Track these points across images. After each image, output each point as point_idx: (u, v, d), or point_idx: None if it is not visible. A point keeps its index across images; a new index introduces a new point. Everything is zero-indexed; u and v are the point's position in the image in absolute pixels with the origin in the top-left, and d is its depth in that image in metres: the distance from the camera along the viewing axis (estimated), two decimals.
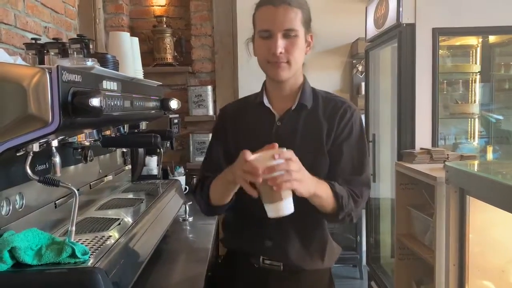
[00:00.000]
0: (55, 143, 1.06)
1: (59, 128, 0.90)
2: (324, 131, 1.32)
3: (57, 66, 0.90)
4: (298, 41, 1.27)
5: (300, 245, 1.33)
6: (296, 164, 1.08)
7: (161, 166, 2.01)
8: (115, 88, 1.26)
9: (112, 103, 1.13)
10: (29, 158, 0.98)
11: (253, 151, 1.31)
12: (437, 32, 2.48)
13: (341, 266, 3.84)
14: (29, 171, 0.99)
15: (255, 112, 1.40)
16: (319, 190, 1.18)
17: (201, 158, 3.35)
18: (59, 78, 0.90)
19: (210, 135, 3.26)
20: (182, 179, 2.77)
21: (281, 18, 1.26)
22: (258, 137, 1.33)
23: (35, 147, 0.98)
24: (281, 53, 1.26)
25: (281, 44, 1.25)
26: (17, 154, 0.98)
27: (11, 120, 0.89)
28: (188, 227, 2.08)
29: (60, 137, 1.09)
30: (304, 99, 1.35)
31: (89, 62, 1.23)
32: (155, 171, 2.77)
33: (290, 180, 1.05)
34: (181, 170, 2.85)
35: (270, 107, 1.37)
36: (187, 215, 2.16)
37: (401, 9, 2.47)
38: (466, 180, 1.83)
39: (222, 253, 1.55)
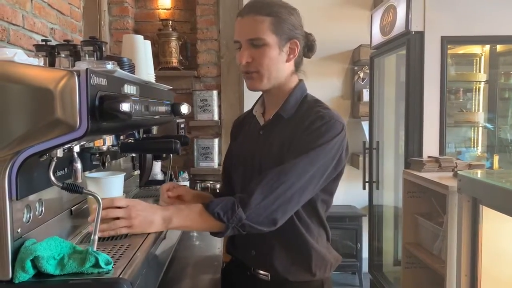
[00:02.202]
0: (77, 148, 1.03)
1: (87, 133, 0.87)
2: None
3: (87, 69, 0.87)
4: (267, 50, 1.24)
5: (284, 255, 1.30)
6: (116, 212, 1.09)
7: (170, 171, 1.98)
8: (135, 92, 1.23)
9: (134, 107, 1.10)
10: (53, 164, 0.95)
11: (243, 160, 1.37)
12: (446, 41, 2.48)
13: (339, 274, 3.83)
14: (52, 177, 0.95)
15: (251, 121, 1.43)
16: (175, 224, 1.15)
17: (205, 164, 3.34)
18: (88, 81, 0.87)
19: (215, 140, 3.27)
20: (186, 184, 2.74)
21: (245, 28, 1.25)
22: (247, 146, 1.37)
23: (59, 152, 0.94)
24: (247, 63, 1.25)
25: (245, 54, 1.25)
26: (41, 160, 0.94)
27: (38, 124, 0.86)
28: (195, 234, 2.05)
29: (83, 143, 1.06)
30: (283, 109, 1.31)
31: (109, 65, 1.19)
32: (159, 176, 2.73)
33: (114, 229, 1.09)
34: (185, 175, 2.82)
35: (256, 116, 1.39)
36: None
37: (410, 16, 2.47)
38: (479, 189, 1.82)
39: (225, 260, 1.55)
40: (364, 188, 3.28)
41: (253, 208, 1.15)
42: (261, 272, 1.34)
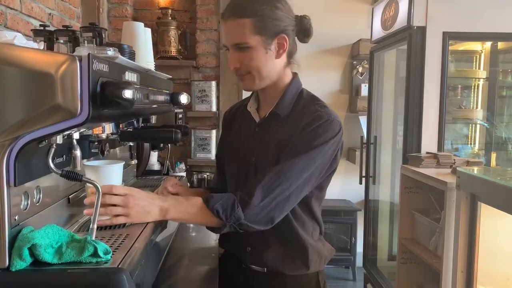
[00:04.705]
0: (76, 135, 1.01)
1: (88, 120, 0.85)
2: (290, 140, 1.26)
3: (89, 54, 0.84)
4: (252, 53, 1.22)
5: (280, 252, 1.31)
6: (114, 199, 1.08)
7: (167, 162, 1.96)
8: (135, 80, 1.21)
9: (136, 95, 1.08)
10: (52, 150, 0.93)
11: (237, 156, 1.36)
12: (448, 36, 2.46)
13: (333, 267, 3.84)
14: (51, 164, 0.93)
15: (244, 115, 1.41)
16: (171, 216, 1.16)
17: (202, 155, 3.32)
18: (90, 66, 0.85)
19: (213, 131, 3.24)
20: (183, 175, 2.72)
21: (229, 33, 1.24)
22: (242, 142, 1.36)
23: (59, 139, 0.92)
24: (236, 68, 1.25)
25: (234, 58, 1.24)
26: (40, 146, 0.92)
27: (37, 109, 0.84)
28: (191, 225, 2.03)
29: (82, 130, 1.04)
30: (279, 107, 1.30)
31: (110, 52, 1.17)
32: (156, 167, 2.72)
33: (111, 215, 1.08)
34: (182, 166, 2.80)
35: (251, 112, 1.37)
36: None
37: (412, 11, 2.45)
38: (478, 186, 1.82)
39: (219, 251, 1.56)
40: (360, 182, 3.28)
41: (252, 208, 1.16)
42: (257, 267, 1.34)
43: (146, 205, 1.12)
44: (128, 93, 0.87)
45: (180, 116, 2.43)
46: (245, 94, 2.86)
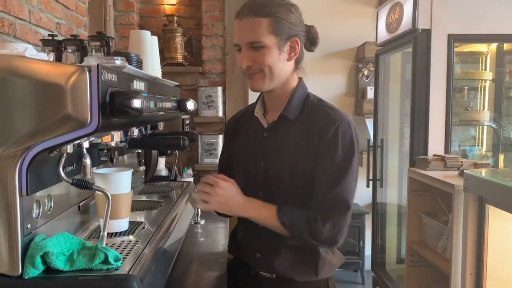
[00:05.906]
0: (86, 144, 1.03)
1: (98, 129, 0.87)
2: (306, 145, 1.27)
3: (98, 65, 0.86)
4: (267, 52, 1.23)
5: (290, 258, 1.31)
6: (212, 189, 1.22)
7: (175, 167, 1.97)
8: (143, 88, 1.23)
9: (144, 104, 1.10)
10: (63, 159, 0.95)
11: (245, 161, 1.37)
12: (453, 38, 2.47)
13: (341, 271, 3.83)
14: (62, 173, 0.95)
15: (251, 121, 1.41)
16: (249, 213, 1.26)
17: (209, 160, 3.34)
18: (99, 77, 0.86)
19: (220, 136, 3.26)
20: (191, 181, 2.73)
21: (244, 32, 1.24)
22: (249, 148, 1.37)
23: (69, 148, 0.94)
24: (248, 66, 1.25)
25: (246, 57, 1.24)
26: (50, 155, 0.94)
27: (48, 120, 0.86)
28: (200, 230, 2.04)
29: (92, 138, 1.05)
30: (287, 110, 1.31)
31: (118, 61, 1.19)
32: (163, 172, 2.73)
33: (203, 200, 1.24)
34: (190, 171, 2.81)
35: (259, 118, 1.37)
36: (199, 218, 2.12)
37: (417, 14, 2.46)
38: (485, 188, 1.81)
39: (228, 257, 1.57)
40: (368, 186, 3.28)
41: (316, 231, 1.22)
42: (266, 273, 1.34)
43: (228, 198, 1.24)
44: (137, 103, 0.89)
45: (187, 122, 2.45)
46: (251, 99, 2.88)
